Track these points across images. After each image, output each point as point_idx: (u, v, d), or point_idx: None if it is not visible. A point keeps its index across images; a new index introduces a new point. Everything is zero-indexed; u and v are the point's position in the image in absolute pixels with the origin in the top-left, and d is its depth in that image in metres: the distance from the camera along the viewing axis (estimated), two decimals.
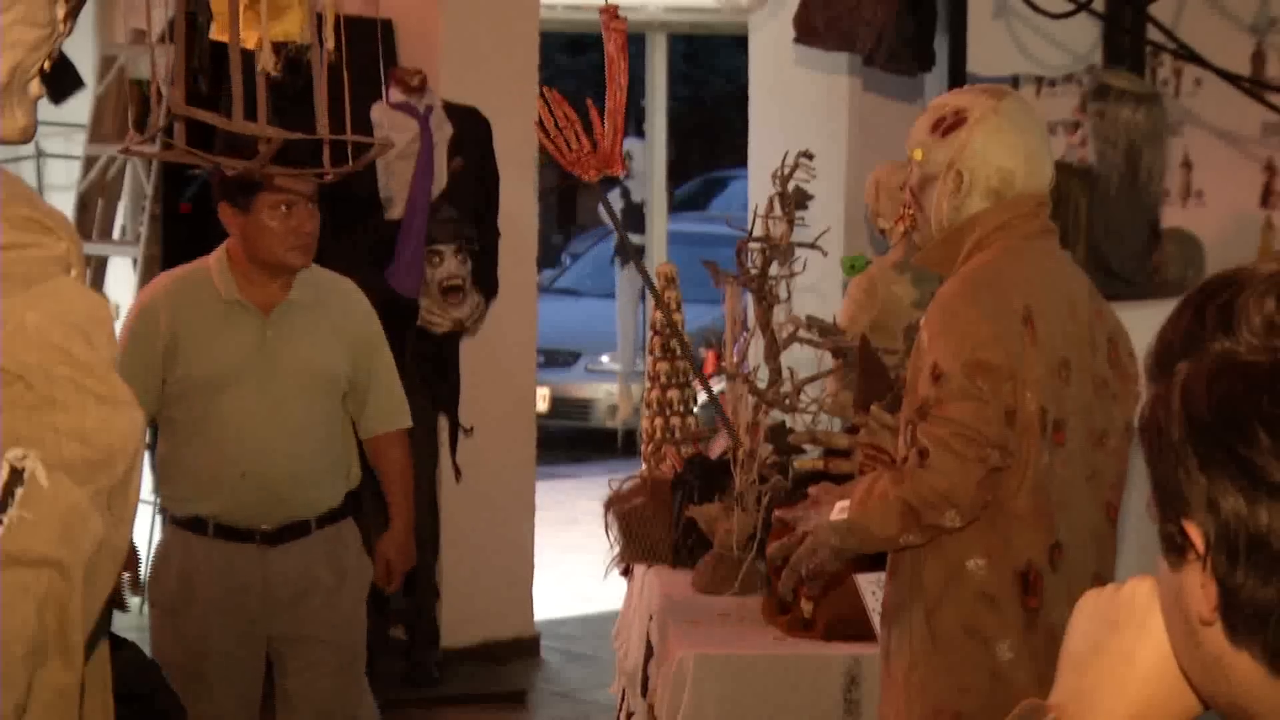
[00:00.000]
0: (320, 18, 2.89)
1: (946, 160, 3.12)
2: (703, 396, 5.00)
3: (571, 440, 11.71)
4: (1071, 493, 3.08)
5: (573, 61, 17.17)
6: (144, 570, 7.05)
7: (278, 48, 3.10)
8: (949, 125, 3.13)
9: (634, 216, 11.73)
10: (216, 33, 3.26)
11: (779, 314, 4.40)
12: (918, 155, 3.16)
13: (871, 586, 3.86)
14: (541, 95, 3.89)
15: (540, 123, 3.52)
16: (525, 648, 6.98)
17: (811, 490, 3.22)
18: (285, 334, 4.08)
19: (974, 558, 3.03)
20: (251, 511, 4.06)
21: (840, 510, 3.08)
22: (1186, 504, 1.16)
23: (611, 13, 3.39)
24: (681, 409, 5.05)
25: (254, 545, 4.07)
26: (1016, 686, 3.00)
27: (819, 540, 3.11)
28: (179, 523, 4.13)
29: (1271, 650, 1.14)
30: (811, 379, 4.33)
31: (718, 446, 4.65)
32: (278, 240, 4.02)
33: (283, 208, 4.01)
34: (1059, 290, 3.12)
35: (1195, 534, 1.15)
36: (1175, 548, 1.18)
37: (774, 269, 4.37)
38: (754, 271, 4.37)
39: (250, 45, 3.10)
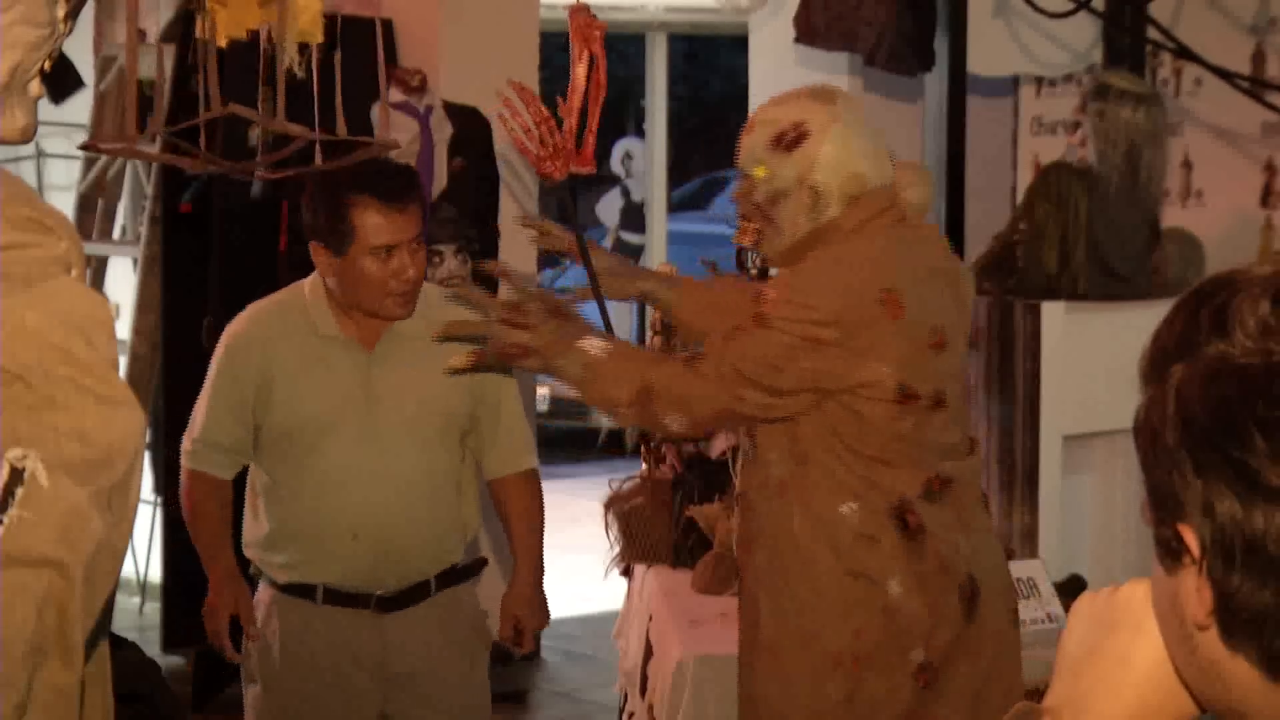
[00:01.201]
0: (339, 19, 2.89)
1: (796, 176, 3.11)
2: None
3: (571, 440, 11.70)
4: (952, 436, 3.12)
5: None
6: (141, 566, 7.00)
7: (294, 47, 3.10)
8: (791, 140, 3.11)
9: (634, 216, 11.74)
10: (206, 31, 3.25)
11: None
12: (761, 172, 3.14)
13: None
14: (518, 93, 3.72)
15: (507, 116, 3.43)
16: None
17: (557, 302, 3.17)
18: (391, 371, 3.60)
19: (845, 502, 3.05)
20: (366, 576, 3.60)
21: (592, 345, 3.06)
22: (1181, 508, 1.15)
23: (585, 10, 3.39)
24: None
25: (368, 612, 3.61)
26: (911, 618, 3.02)
27: (541, 345, 3.06)
28: (280, 588, 3.65)
29: (1268, 654, 1.13)
30: None
31: (718, 446, 4.65)
32: (376, 288, 3.52)
33: (383, 252, 3.50)
34: (921, 264, 3.13)
35: (1190, 538, 1.15)
36: (1170, 552, 1.17)
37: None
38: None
39: (229, 38, 3.10)
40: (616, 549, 4.70)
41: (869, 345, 3.00)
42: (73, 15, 1.83)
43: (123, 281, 7.24)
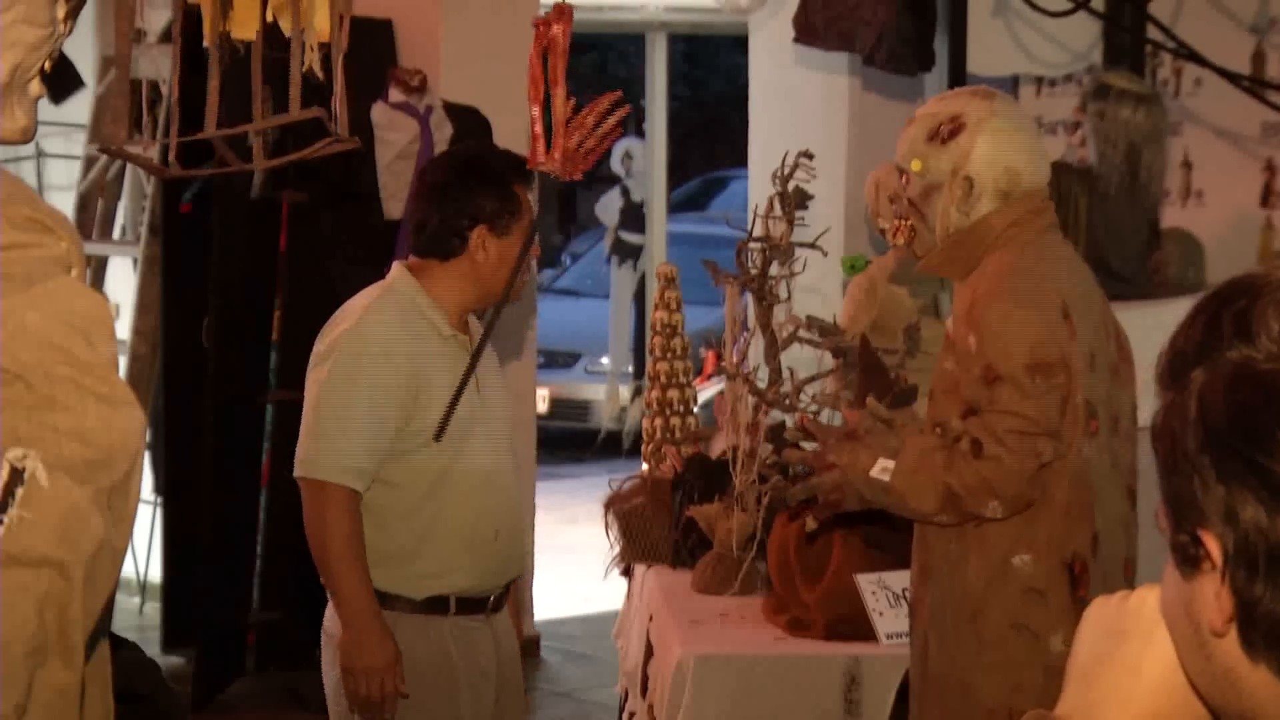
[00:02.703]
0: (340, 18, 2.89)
1: (950, 168, 3.11)
2: (703, 395, 4.98)
3: (571, 441, 11.70)
4: (1104, 481, 3.10)
5: (572, 61, 17.13)
6: (141, 566, 6.98)
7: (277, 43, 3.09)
8: (949, 133, 3.12)
9: (634, 216, 11.73)
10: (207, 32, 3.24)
11: (779, 314, 4.41)
12: (916, 166, 3.14)
13: (871, 586, 3.86)
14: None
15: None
16: (525, 648, 6.96)
17: (850, 418, 3.16)
18: (486, 373, 3.61)
19: (1019, 554, 3.03)
20: (495, 577, 3.58)
21: (883, 469, 3.04)
22: (1202, 515, 1.13)
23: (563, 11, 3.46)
24: (681, 409, 5.05)
25: (483, 616, 3.57)
26: None
27: (848, 481, 3.08)
28: (412, 605, 3.50)
29: None
30: (811, 379, 4.33)
31: (717, 447, 4.65)
32: (523, 266, 3.58)
33: (532, 230, 3.58)
34: (1082, 282, 3.14)
35: (1213, 545, 1.13)
36: (1188, 558, 1.16)
37: (774, 269, 4.37)
38: (754, 271, 4.37)
39: (248, 36, 3.10)
40: (616, 549, 4.70)
41: (1071, 366, 3.00)
42: (73, 15, 1.83)
43: (123, 281, 7.24)
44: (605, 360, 11.78)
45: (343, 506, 3.43)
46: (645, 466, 4.96)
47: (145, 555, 7.16)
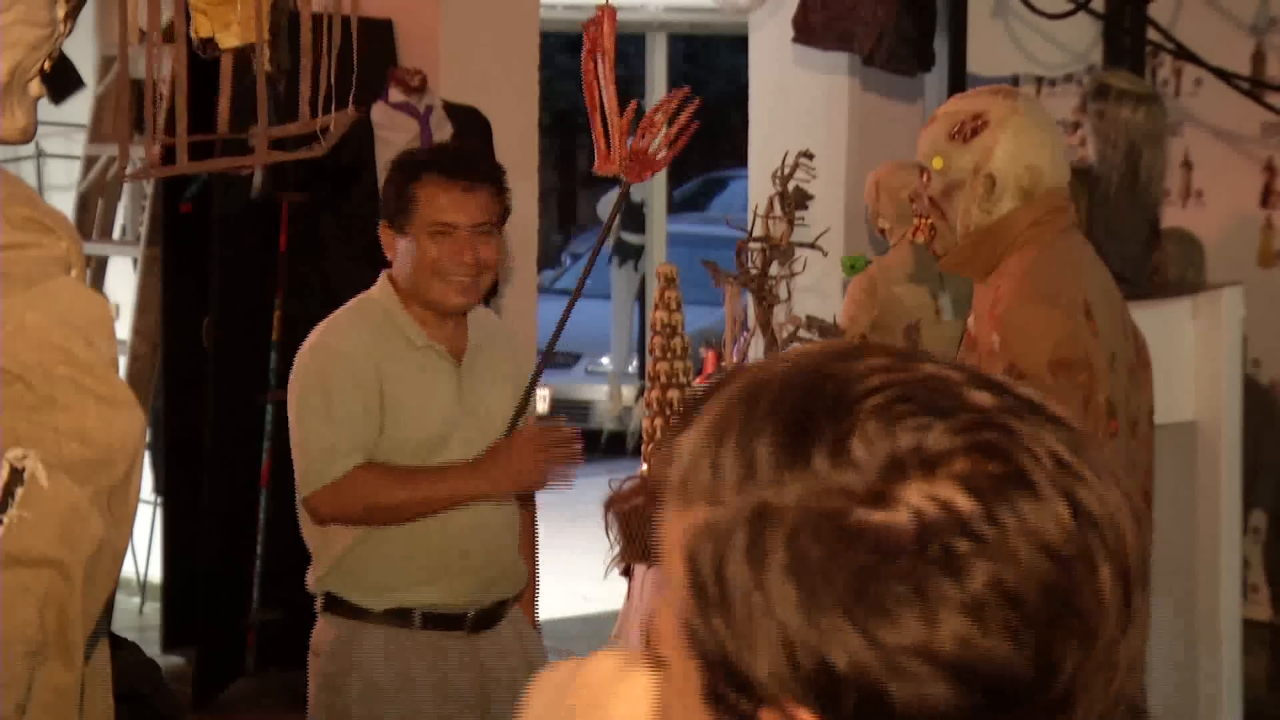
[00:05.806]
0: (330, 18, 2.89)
1: (972, 165, 3.11)
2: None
3: None
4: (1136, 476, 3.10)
5: (573, 61, 17.15)
6: (141, 566, 6.98)
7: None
8: (971, 130, 3.12)
9: (634, 216, 11.73)
10: (198, 31, 3.24)
11: (779, 314, 4.41)
12: (938, 164, 3.14)
13: None
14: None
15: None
16: None
17: None
18: (478, 384, 3.50)
19: None
20: (467, 594, 3.47)
21: None
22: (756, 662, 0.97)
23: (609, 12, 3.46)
24: (681, 409, 5.05)
25: (461, 634, 3.48)
26: None
27: None
28: (373, 616, 3.43)
29: None
30: None
31: None
32: (428, 268, 3.37)
33: (442, 230, 3.37)
34: (1102, 282, 3.14)
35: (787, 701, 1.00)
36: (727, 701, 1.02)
37: (774, 269, 4.37)
38: (754, 271, 4.38)
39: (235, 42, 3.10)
40: (616, 549, 4.70)
41: (1094, 365, 3.00)
42: (73, 15, 1.83)
43: (123, 281, 7.24)
44: (605, 360, 11.76)
45: (362, 483, 3.35)
46: (645, 466, 4.96)
47: (145, 555, 7.16)
